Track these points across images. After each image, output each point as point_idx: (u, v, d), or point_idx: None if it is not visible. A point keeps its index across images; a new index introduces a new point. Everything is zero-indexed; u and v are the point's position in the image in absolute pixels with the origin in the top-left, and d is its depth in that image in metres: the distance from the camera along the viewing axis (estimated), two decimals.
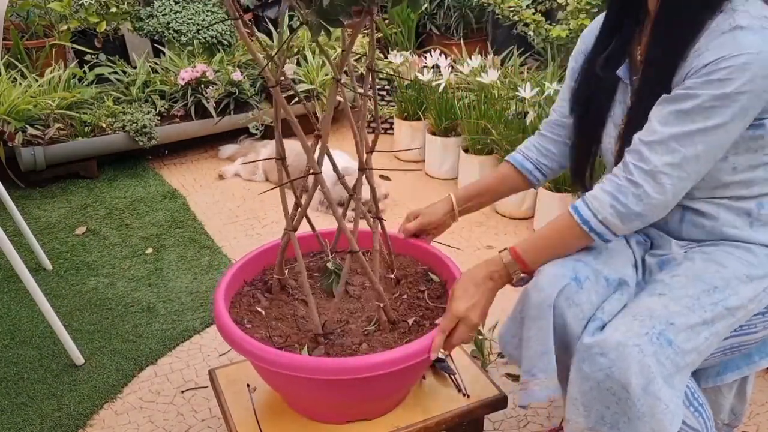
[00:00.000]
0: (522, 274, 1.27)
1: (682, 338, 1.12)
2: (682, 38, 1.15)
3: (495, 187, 1.55)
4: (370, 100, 1.31)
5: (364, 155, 1.32)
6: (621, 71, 1.29)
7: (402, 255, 1.58)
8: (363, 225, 1.40)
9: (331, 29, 1.08)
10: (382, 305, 1.32)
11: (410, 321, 1.35)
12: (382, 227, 1.43)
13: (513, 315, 1.36)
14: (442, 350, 1.27)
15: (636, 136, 1.17)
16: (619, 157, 1.28)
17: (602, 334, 1.14)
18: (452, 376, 1.49)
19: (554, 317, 1.21)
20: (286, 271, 1.49)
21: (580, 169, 1.43)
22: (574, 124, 1.43)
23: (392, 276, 1.49)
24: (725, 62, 1.08)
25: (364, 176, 1.33)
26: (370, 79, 1.28)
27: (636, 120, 1.21)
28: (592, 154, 1.40)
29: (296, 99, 3.24)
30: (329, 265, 1.42)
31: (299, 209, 1.40)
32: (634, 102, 1.26)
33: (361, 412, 1.37)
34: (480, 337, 1.86)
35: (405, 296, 1.44)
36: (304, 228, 1.45)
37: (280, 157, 1.35)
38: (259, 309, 1.42)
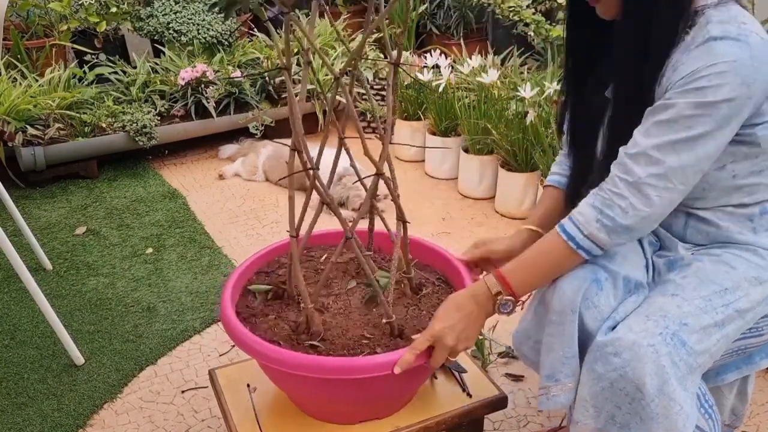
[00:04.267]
0: (507, 298, 1.21)
1: (695, 339, 1.11)
2: (658, 50, 1.13)
3: (555, 208, 1.43)
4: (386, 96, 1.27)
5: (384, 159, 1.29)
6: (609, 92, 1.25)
7: (428, 266, 1.55)
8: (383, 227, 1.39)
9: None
10: (385, 321, 1.30)
11: (413, 337, 1.31)
12: (405, 231, 1.39)
13: (527, 316, 1.33)
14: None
15: (621, 149, 1.15)
16: (603, 171, 1.25)
17: (615, 333, 1.12)
18: (460, 375, 1.49)
19: None
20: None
21: (575, 193, 1.37)
22: (570, 142, 1.40)
23: (406, 281, 1.46)
24: (702, 72, 1.07)
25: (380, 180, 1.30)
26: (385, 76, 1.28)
27: (617, 135, 1.19)
28: (586, 175, 1.35)
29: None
30: (378, 275, 1.36)
31: (306, 209, 1.38)
32: (611, 118, 1.23)
33: (351, 415, 1.36)
34: (480, 337, 1.86)
35: (417, 307, 1.42)
36: (335, 225, 1.40)
37: (296, 149, 1.31)
38: (266, 303, 1.42)
